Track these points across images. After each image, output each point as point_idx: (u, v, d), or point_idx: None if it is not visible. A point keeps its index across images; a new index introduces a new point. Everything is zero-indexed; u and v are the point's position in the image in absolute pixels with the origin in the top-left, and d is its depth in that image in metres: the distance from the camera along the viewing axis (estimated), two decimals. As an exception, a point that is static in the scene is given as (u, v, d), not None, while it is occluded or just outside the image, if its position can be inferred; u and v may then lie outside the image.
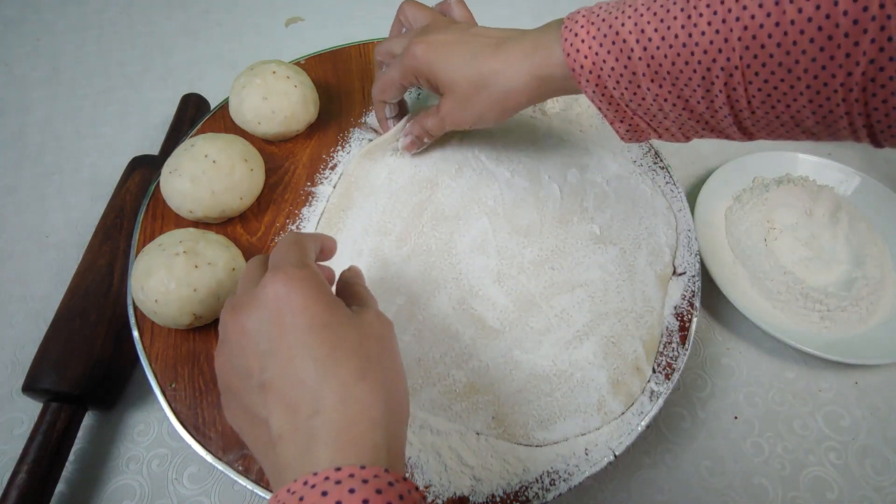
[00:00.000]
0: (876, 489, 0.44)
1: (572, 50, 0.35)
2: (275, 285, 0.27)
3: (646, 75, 0.34)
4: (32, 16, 0.76)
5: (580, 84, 0.36)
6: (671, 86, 0.34)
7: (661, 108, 0.36)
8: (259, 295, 0.28)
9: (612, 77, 0.35)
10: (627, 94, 0.36)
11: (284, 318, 0.27)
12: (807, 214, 0.56)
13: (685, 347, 0.43)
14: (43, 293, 0.51)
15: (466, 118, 0.43)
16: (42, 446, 0.40)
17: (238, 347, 0.28)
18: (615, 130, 0.39)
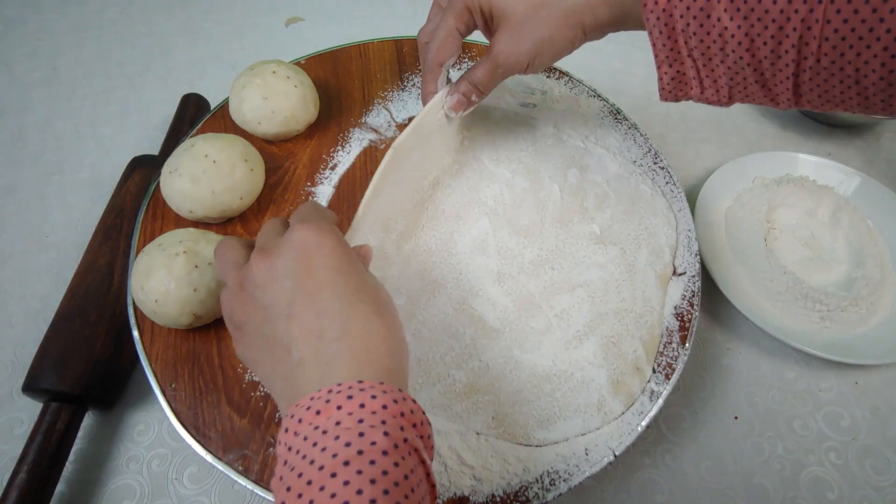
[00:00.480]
0: (876, 489, 0.44)
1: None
2: (306, 232, 0.30)
3: (721, 2, 0.32)
4: (32, 16, 0.76)
5: (647, 7, 0.34)
6: (743, 19, 0.32)
7: (722, 48, 0.34)
8: (290, 238, 0.30)
9: (684, 3, 0.33)
10: (694, 24, 0.34)
11: (313, 261, 0.30)
12: (807, 214, 0.56)
13: (685, 347, 0.43)
14: (43, 293, 0.51)
15: (524, 51, 0.39)
16: (42, 446, 0.40)
17: (265, 283, 0.30)
18: (659, 79, 0.38)
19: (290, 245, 0.30)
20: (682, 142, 0.65)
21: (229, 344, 0.41)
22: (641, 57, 0.74)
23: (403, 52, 0.60)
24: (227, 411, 0.38)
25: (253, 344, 0.31)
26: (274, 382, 0.30)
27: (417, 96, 0.56)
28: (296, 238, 0.30)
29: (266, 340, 0.30)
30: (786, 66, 0.33)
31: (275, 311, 0.29)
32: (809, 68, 0.32)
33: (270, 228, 0.34)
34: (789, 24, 0.31)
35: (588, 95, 0.57)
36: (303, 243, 0.30)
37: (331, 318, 0.28)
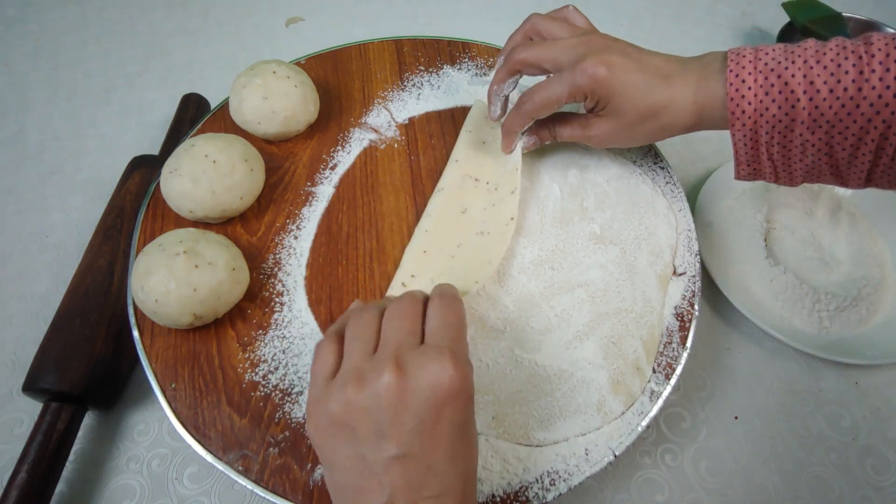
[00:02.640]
0: (876, 489, 0.44)
1: (737, 95, 0.38)
2: (450, 375, 0.28)
3: (804, 123, 0.37)
4: (32, 16, 0.76)
5: (733, 126, 0.39)
6: (824, 133, 0.37)
7: (801, 154, 0.39)
8: (432, 374, 0.28)
9: (769, 123, 0.38)
10: (776, 138, 0.38)
11: (444, 411, 0.28)
12: (807, 214, 0.56)
13: (685, 347, 0.43)
14: (43, 293, 0.51)
15: (617, 142, 0.45)
16: (42, 446, 0.40)
17: (387, 410, 0.28)
18: (737, 168, 0.42)
19: (429, 381, 0.28)
20: (682, 142, 0.65)
21: (229, 344, 0.41)
22: (641, 57, 0.74)
23: (403, 52, 0.60)
24: (227, 411, 0.39)
25: (337, 445, 0.29)
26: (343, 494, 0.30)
27: (417, 96, 0.56)
28: (438, 379, 0.28)
29: (356, 456, 0.29)
30: (860, 164, 0.38)
31: (383, 443, 0.28)
32: (884, 164, 0.37)
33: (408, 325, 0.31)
34: (868, 136, 0.36)
35: (588, 95, 0.57)
36: (441, 387, 0.28)
37: (436, 477, 0.28)
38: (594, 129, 0.44)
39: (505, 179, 0.49)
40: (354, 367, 0.29)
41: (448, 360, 0.28)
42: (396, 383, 0.28)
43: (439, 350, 0.29)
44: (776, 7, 0.73)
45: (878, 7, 0.82)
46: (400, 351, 0.29)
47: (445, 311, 0.32)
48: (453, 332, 0.31)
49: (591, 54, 0.41)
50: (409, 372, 0.28)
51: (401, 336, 0.30)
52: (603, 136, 0.44)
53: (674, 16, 0.81)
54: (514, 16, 0.78)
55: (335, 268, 0.45)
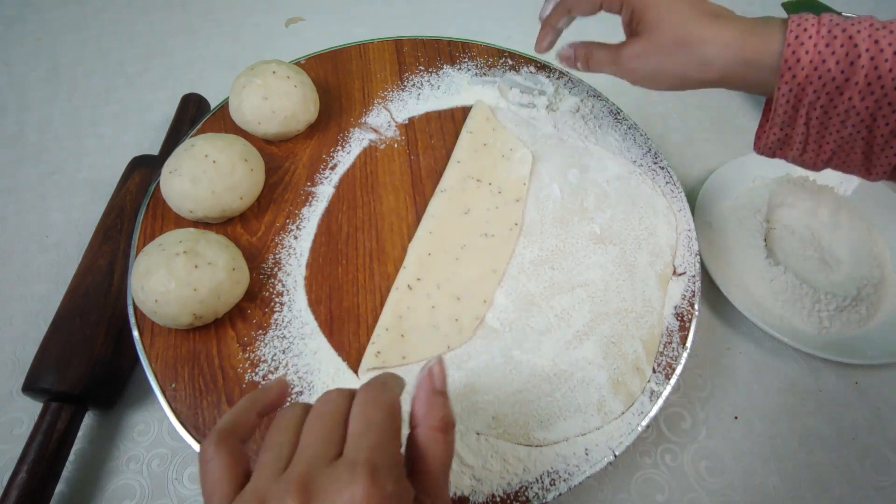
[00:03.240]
0: (876, 489, 0.44)
1: (797, 43, 0.35)
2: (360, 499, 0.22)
3: (858, 84, 0.35)
4: (32, 16, 0.76)
5: (783, 77, 0.36)
6: (874, 101, 0.35)
7: (842, 124, 0.37)
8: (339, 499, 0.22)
9: (822, 80, 0.35)
10: (822, 100, 0.36)
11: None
12: (807, 214, 0.56)
13: (685, 347, 0.43)
14: (43, 293, 0.51)
15: (647, 70, 0.42)
16: (42, 446, 0.40)
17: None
18: (762, 136, 0.40)
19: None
20: (682, 142, 0.65)
21: (229, 344, 0.41)
22: (641, 57, 0.74)
23: (403, 52, 0.60)
24: (227, 411, 0.38)
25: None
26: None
27: (417, 96, 0.56)
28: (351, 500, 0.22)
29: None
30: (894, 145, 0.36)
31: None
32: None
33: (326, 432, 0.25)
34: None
35: (588, 95, 0.57)
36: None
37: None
38: (626, 49, 0.42)
39: (511, 186, 0.49)
40: (254, 490, 0.24)
41: (362, 480, 0.23)
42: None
43: (352, 466, 0.23)
44: (776, 7, 0.73)
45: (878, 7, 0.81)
46: (310, 469, 0.24)
47: (367, 408, 0.26)
48: (375, 436, 0.25)
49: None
50: (315, 497, 0.23)
51: (317, 446, 0.25)
52: (634, 57, 0.42)
53: (674, 16, 0.81)
54: (514, 16, 0.78)
55: (335, 268, 0.45)
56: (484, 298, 0.43)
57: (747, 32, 0.38)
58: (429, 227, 0.46)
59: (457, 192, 0.49)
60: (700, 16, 0.39)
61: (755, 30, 0.38)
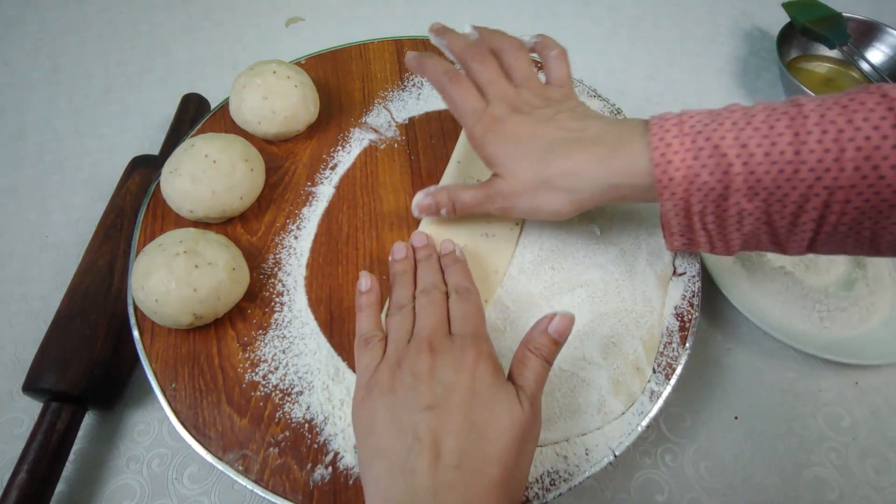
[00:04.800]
0: (876, 489, 0.44)
1: (663, 161, 0.34)
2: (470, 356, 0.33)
3: (740, 191, 0.33)
4: (32, 16, 0.76)
5: (661, 196, 0.35)
6: (762, 201, 0.34)
7: (738, 224, 0.35)
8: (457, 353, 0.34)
9: (701, 191, 0.34)
10: (710, 208, 0.35)
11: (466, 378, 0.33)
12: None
13: (685, 347, 0.43)
14: (43, 293, 0.52)
15: (522, 208, 0.40)
16: (42, 446, 0.40)
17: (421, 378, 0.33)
18: (668, 241, 0.40)
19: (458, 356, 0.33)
20: (682, 142, 0.65)
21: (229, 344, 0.41)
22: (642, 57, 0.74)
23: (403, 52, 0.60)
24: (227, 411, 0.39)
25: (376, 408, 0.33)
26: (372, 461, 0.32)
27: (417, 96, 0.56)
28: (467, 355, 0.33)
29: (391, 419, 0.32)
30: (802, 232, 0.35)
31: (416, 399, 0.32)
32: (826, 232, 0.34)
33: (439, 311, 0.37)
34: (809, 204, 0.32)
35: (588, 95, 0.57)
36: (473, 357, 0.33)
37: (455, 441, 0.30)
38: (495, 187, 0.40)
39: None
40: (395, 352, 0.35)
41: (471, 345, 0.34)
42: (429, 359, 0.33)
43: (463, 339, 0.34)
44: (776, 7, 0.73)
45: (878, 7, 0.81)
46: (432, 337, 0.35)
47: (464, 305, 0.37)
48: (472, 322, 0.36)
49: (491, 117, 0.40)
50: (440, 351, 0.34)
51: (432, 324, 0.36)
52: (504, 195, 0.40)
53: (674, 16, 0.81)
54: (515, 16, 0.78)
55: (335, 268, 0.45)
56: (485, 298, 0.43)
57: (610, 156, 0.36)
58: (428, 228, 0.46)
59: None
60: (555, 149, 0.37)
61: (618, 150, 0.36)
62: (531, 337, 0.35)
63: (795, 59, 0.72)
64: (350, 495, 0.36)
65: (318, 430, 0.38)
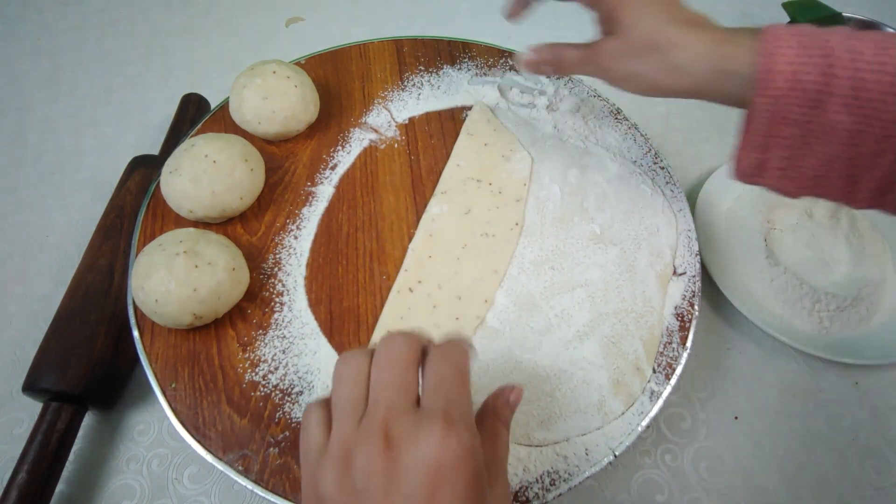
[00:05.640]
0: (876, 489, 0.44)
1: (771, 52, 0.33)
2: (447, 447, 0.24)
3: (840, 97, 0.32)
4: (32, 16, 0.76)
5: (759, 91, 0.34)
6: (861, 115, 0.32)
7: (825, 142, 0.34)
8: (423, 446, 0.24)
9: (803, 94, 0.33)
10: (804, 116, 0.33)
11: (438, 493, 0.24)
12: (807, 215, 0.56)
13: (685, 347, 0.43)
14: (43, 293, 0.51)
15: (621, 71, 0.39)
16: (42, 446, 0.40)
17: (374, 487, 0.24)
18: (738, 160, 0.37)
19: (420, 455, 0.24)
20: (682, 142, 0.65)
21: (229, 344, 0.41)
22: (641, 57, 0.74)
23: (403, 52, 0.60)
24: (227, 411, 0.39)
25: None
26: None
27: (417, 96, 0.56)
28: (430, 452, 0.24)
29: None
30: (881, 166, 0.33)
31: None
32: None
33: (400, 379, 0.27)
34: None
35: (588, 95, 0.57)
36: (436, 463, 0.24)
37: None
38: (600, 47, 0.40)
39: (511, 186, 0.49)
40: (341, 439, 0.26)
41: (440, 430, 0.24)
42: (383, 460, 0.24)
43: (430, 417, 0.25)
44: (776, 7, 0.73)
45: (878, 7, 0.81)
46: (389, 417, 0.26)
47: (441, 364, 0.28)
48: (447, 390, 0.27)
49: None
50: (399, 445, 0.25)
51: (391, 394, 0.27)
52: (607, 55, 0.40)
53: (674, 16, 0.81)
54: (514, 16, 0.78)
55: (335, 268, 0.45)
56: (485, 298, 0.43)
57: (721, 42, 0.36)
58: (429, 229, 0.46)
59: (457, 194, 0.49)
60: (674, 21, 0.37)
61: (729, 38, 0.36)
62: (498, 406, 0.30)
63: (795, 59, 0.72)
64: (350, 495, 0.36)
65: (318, 430, 0.38)
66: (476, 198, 0.48)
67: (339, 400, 0.28)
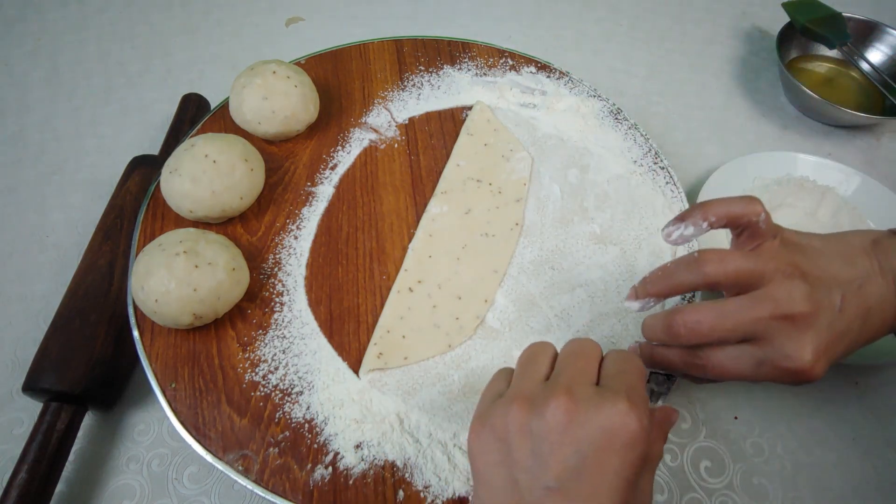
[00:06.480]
0: (876, 489, 0.44)
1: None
2: (628, 421, 0.26)
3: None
4: (32, 16, 0.76)
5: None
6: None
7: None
8: (605, 412, 0.26)
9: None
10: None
11: (611, 459, 0.26)
12: (807, 215, 0.56)
13: (685, 347, 0.43)
14: (43, 293, 0.51)
15: None
16: (42, 446, 0.40)
17: (551, 435, 0.27)
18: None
19: (601, 420, 0.26)
20: (683, 142, 0.65)
21: (229, 344, 0.41)
22: (642, 57, 0.74)
23: (403, 52, 0.60)
24: (227, 411, 0.39)
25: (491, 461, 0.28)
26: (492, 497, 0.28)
27: (417, 96, 0.56)
28: (611, 419, 0.26)
29: (509, 478, 0.27)
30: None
31: (540, 469, 0.26)
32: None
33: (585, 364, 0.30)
34: None
35: (588, 95, 0.57)
36: (615, 430, 0.26)
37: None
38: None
39: (511, 187, 0.49)
40: (523, 388, 0.29)
41: (624, 404, 0.27)
42: (566, 410, 0.27)
43: (615, 392, 0.27)
44: (776, 7, 0.73)
45: (878, 7, 0.81)
46: (573, 382, 0.28)
47: (624, 361, 0.30)
48: (632, 379, 0.29)
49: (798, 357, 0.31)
50: (582, 404, 0.27)
51: (575, 371, 0.29)
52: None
53: (674, 16, 0.81)
54: (514, 16, 0.78)
55: (335, 268, 0.45)
56: (485, 298, 0.43)
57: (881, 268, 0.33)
58: (429, 229, 0.46)
59: (457, 194, 0.49)
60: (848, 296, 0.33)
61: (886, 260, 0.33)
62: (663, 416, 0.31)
63: (795, 59, 0.72)
64: (350, 495, 0.36)
65: (318, 430, 0.38)
66: (476, 198, 0.48)
67: (524, 363, 0.31)
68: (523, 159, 0.51)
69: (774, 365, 0.32)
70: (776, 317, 0.31)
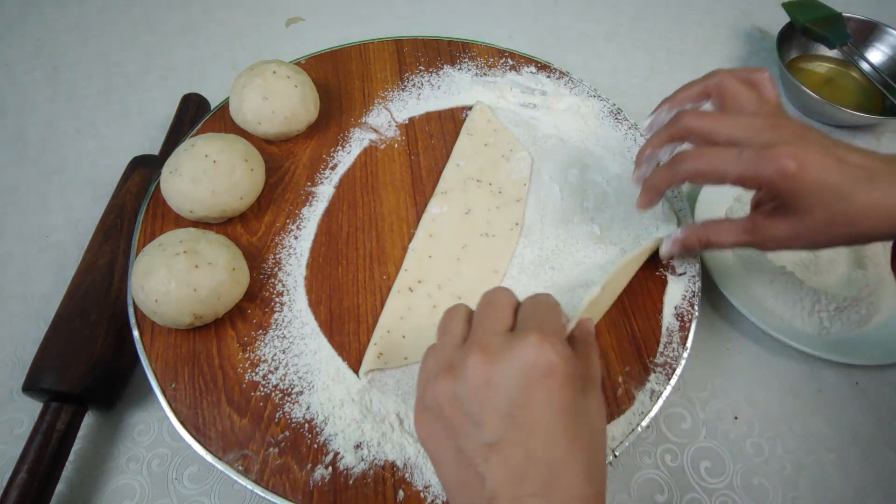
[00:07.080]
0: (876, 489, 0.44)
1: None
2: (538, 353, 0.27)
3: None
4: (33, 16, 0.76)
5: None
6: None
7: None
8: (518, 352, 0.27)
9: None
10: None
11: (537, 393, 0.27)
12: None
13: (685, 347, 0.43)
14: (43, 293, 0.51)
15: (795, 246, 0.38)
16: (42, 446, 0.40)
17: (476, 393, 0.27)
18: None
19: (516, 361, 0.27)
20: (682, 142, 0.65)
21: (229, 344, 0.41)
22: (642, 57, 0.74)
23: (403, 52, 0.60)
24: (227, 411, 0.39)
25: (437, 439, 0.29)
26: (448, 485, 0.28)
27: (417, 96, 0.56)
28: (525, 357, 0.27)
29: (454, 449, 0.28)
30: None
31: (479, 432, 0.27)
32: None
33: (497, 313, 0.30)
34: None
35: (588, 95, 0.57)
36: (531, 366, 0.27)
37: (537, 469, 0.26)
38: (769, 232, 0.38)
39: (511, 187, 0.49)
40: (444, 359, 0.29)
41: (534, 337, 0.27)
42: (482, 364, 0.27)
43: (525, 331, 0.28)
44: (776, 7, 0.73)
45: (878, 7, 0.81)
46: (486, 337, 0.29)
47: (533, 301, 0.31)
48: (542, 312, 0.30)
49: (782, 143, 0.34)
50: (495, 353, 0.27)
51: (488, 324, 0.30)
52: (781, 240, 0.37)
53: (674, 16, 0.81)
54: (515, 16, 0.78)
55: (335, 268, 0.45)
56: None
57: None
58: (429, 229, 0.46)
59: (457, 193, 0.49)
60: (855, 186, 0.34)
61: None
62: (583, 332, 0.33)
63: (795, 59, 0.72)
64: (350, 495, 0.36)
65: (318, 430, 0.38)
66: (476, 198, 0.48)
67: (441, 338, 0.31)
68: (523, 159, 0.51)
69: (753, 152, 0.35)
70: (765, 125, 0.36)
